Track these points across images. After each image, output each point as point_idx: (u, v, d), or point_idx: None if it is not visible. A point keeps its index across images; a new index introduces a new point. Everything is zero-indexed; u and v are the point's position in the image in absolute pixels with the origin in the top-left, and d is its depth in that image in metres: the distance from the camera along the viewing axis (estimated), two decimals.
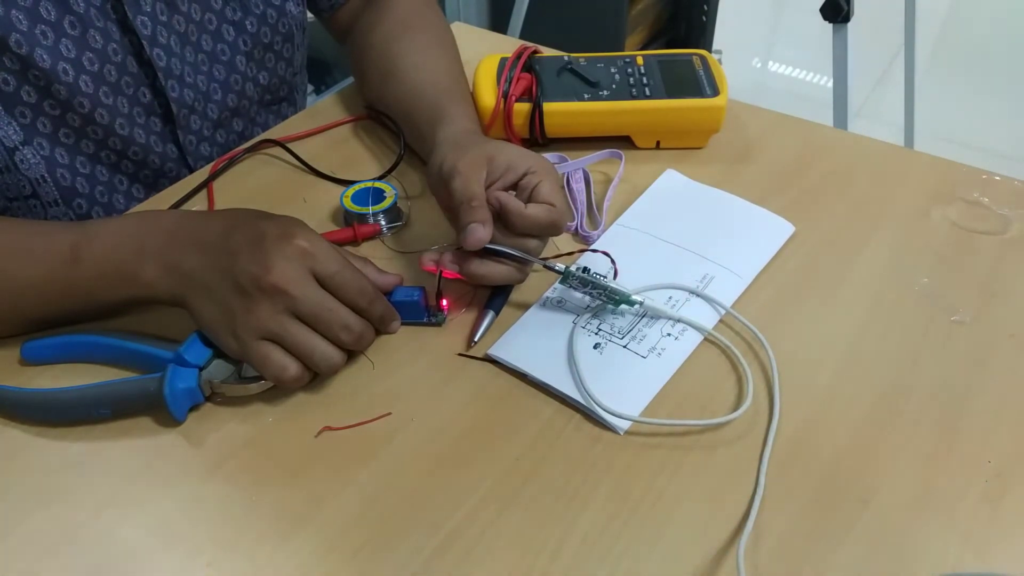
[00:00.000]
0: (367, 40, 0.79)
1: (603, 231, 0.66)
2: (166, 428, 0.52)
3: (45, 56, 0.63)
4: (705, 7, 2.16)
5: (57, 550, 0.46)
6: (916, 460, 0.50)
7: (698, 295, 0.60)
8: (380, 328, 0.56)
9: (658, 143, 0.75)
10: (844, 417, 0.53)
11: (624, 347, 0.56)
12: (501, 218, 0.56)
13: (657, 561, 0.45)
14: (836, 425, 0.52)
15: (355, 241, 0.65)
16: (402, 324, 0.57)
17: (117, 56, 0.67)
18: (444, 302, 0.58)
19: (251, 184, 0.72)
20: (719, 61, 0.77)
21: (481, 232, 0.54)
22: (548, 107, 0.71)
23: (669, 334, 0.57)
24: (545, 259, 0.58)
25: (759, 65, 2.62)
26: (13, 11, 0.61)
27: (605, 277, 0.57)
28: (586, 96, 0.72)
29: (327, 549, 0.46)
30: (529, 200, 0.57)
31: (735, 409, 0.52)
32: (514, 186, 0.58)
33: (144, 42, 0.68)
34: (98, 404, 0.52)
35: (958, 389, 0.54)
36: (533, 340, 0.57)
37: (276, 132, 0.77)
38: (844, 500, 0.48)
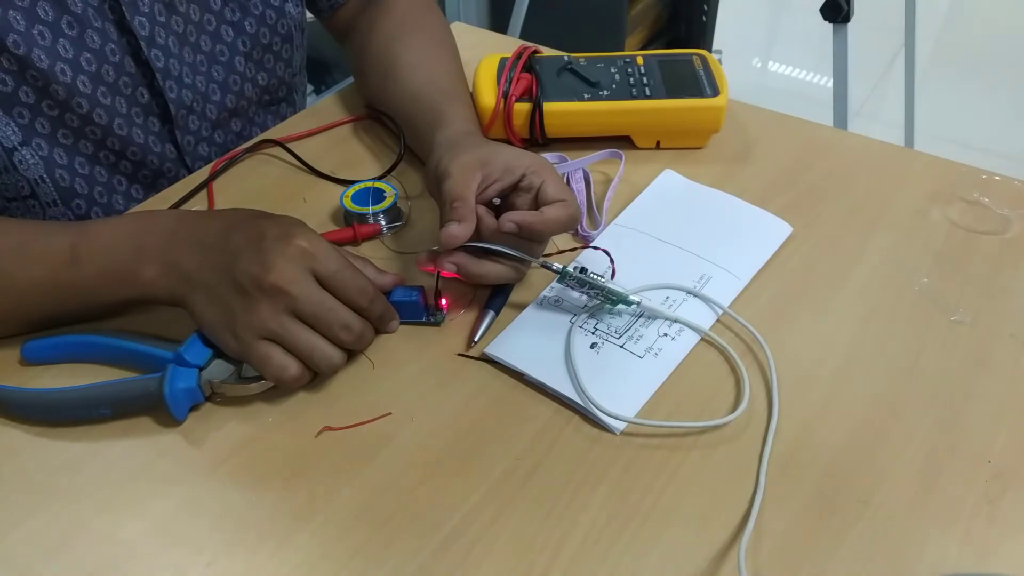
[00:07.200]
0: (367, 41, 0.79)
1: (603, 231, 0.66)
2: (166, 428, 0.52)
3: (43, 56, 0.63)
4: (705, 7, 2.16)
5: (57, 550, 0.46)
6: (916, 460, 0.50)
7: (695, 295, 0.60)
8: (379, 327, 0.56)
9: (658, 143, 0.75)
10: (844, 417, 0.52)
11: (621, 347, 0.56)
12: (523, 234, 0.56)
13: (657, 561, 0.45)
14: (836, 425, 0.52)
15: (355, 241, 0.65)
16: (401, 324, 0.57)
17: (115, 56, 0.67)
18: (443, 302, 0.58)
19: (251, 184, 0.72)
20: (719, 61, 0.77)
21: (455, 229, 0.54)
22: (548, 107, 0.71)
23: (666, 334, 0.57)
24: (543, 257, 0.58)
25: (759, 65, 2.62)
26: (10, 11, 0.61)
27: (602, 277, 0.57)
28: (586, 96, 0.72)
29: (327, 549, 0.46)
30: (536, 200, 0.57)
31: (734, 409, 0.52)
32: (514, 187, 0.58)
33: (142, 43, 0.68)
34: (98, 404, 0.52)
35: (958, 389, 0.54)
36: (530, 339, 0.57)
37: (276, 132, 0.77)
38: (844, 500, 0.48)
